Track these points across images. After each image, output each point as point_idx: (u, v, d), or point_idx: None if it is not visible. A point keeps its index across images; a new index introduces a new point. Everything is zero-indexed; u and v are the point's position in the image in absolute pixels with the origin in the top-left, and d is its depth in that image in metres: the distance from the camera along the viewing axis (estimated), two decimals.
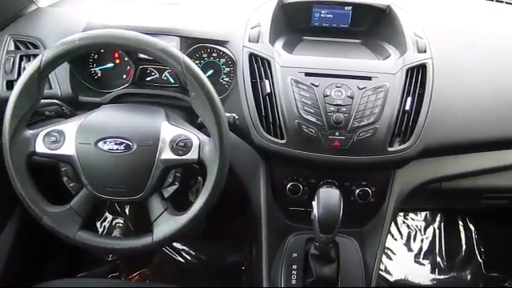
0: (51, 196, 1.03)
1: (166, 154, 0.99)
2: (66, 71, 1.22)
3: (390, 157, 1.11)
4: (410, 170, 1.20)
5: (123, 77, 1.30)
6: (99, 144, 0.98)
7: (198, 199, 0.99)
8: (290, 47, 1.28)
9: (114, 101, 1.23)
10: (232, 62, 1.25)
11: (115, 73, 1.30)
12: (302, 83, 1.12)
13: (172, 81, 1.30)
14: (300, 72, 1.14)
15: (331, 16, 1.40)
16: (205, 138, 1.01)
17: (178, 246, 2.01)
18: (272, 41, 1.23)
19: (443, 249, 2.05)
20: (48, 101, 1.14)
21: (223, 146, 0.97)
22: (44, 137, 1.00)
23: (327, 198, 1.03)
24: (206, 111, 0.97)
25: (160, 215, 1.01)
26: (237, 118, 1.09)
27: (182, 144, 1.00)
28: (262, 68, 1.17)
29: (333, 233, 1.04)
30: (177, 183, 1.04)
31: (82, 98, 1.24)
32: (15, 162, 0.98)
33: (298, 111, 1.10)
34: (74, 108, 1.17)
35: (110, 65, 1.30)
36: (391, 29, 1.30)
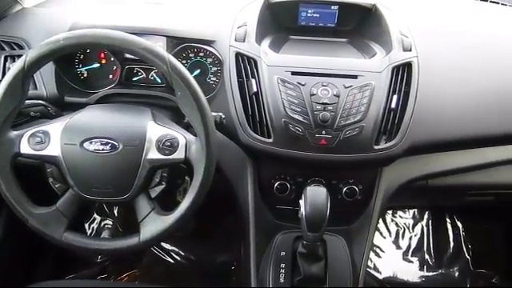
0: (37, 197, 1.02)
1: (153, 154, 0.99)
2: (52, 71, 1.22)
3: (377, 155, 1.12)
4: (397, 167, 1.21)
5: (109, 77, 1.29)
6: (85, 144, 0.98)
7: (184, 199, 0.99)
8: (276, 46, 1.28)
9: (100, 101, 1.23)
10: (219, 61, 1.25)
11: (101, 73, 1.29)
12: (288, 82, 1.13)
13: (159, 81, 1.29)
14: (286, 71, 1.15)
15: (318, 15, 1.40)
16: (191, 138, 1.01)
17: (168, 246, 2.01)
18: (258, 40, 1.23)
19: (431, 246, 2.06)
20: (33, 101, 1.13)
21: (210, 146, 0.97)
22: (29, 138, 0.99)
23: (314, 196, 1.04)
24: (192, 111, 0.97)
25: (147, 215, 1.01)
26: (223, 117, 1.09)
27: (169, 144, 1.00)
28: (248, 67, 1.17)
29: (320, 231, 1.04)
30: (164, 183, 1.04)
31: (68, 98, 1.23)
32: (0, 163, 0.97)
33: (285, 110, 1.11)
34: (59, 109, 1.17)
35: (96, 65, 1.29)
36: (377, 28, 1.31)
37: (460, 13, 1.54)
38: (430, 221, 2.11)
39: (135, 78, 1.29)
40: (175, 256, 2.00)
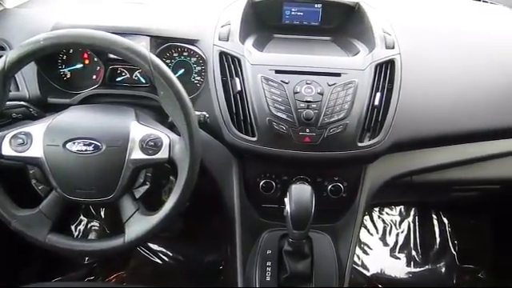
0: (20, 199, 1.02)
1: (136, 154, 0.99)
2: (34, 72, 1.20)
3: (361, 152, 1.12)
4: (381, 164, 1.22)
5: (93, 77, 1.28)
6: (67, 145, 0.97)
7: (169, 199, 0.99)
8: (260, 45, 1.28)
9: (83, 102, 1.21)
10: (203, 60, 1.25)
11: (85, 73, 1.28)
12: (272, 80, 1.13)
13: (143, 81, 1.29)
14: (270, 69, 1.15)
15: (301, 14, 1.41)
16: (175, 137, 1.01)
17: (155, 247, 2.00)
18: (242, 39, 1.23)
19: (418, 242, 2.08)
20: (15, 103, 1.12)
21: (193, 145, 0.97)
22: (10, 139, 0.98)
23: (299, 194, 1.04)
24: (175, 110, 0.97)
25: (131, 216, 1.01)
26: (207, 116, 1.09)
27: (152, 143, 0.99)
28: (232, 66, 1.17)
29: (305, 229, 1.04)
30: (148, 183, 1.04)
31: (51, 99, 1.22)
32: None
33: (269, 108, 1.11)
34: (42, 110, 1.16)
35: (79, 65, 1.28)
36: (360, 26, 1.32)
37: (443, 10, 1.56)
38: (417, 217, 2.13)
39: (119, 79, 1.28)
40: (163, 257, 1.99)
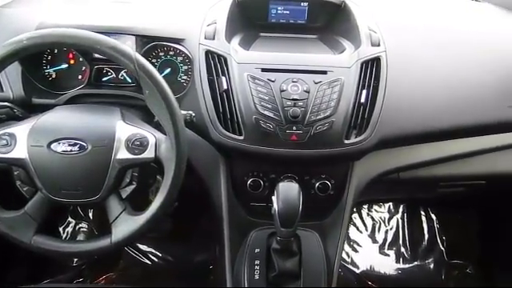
0: (5, 201, 1.00)
1: (122, 154, 0.98)
2: (18, 73, 1.19)
3: (347, 149, 1.13)
4: (368, 161, 1.22)
5: (78, 77, 1.28)
6: (52, 146, 0.96)
7: (155, 198, 0.99)
8: (246, 44, 1.28)
9: (69, 102, 1.20)
10: (189, 59, 1.24)
11: (70, 74, 1.27)
12: (258, 79, 1.13)
13: (129, 80, 1.28)
14: (256, 68, 1.15)
15: (288, 12, 1.41)
16: (161, 137, 1.00)
17: (144, 248, 1.99)
18: (228, 38, 1.23)
19: (407, 239, 2.09)
20: None
21: (179, 144, 0.96)
22: None
23: (286, 192, 1.04)
24: (160, 109, 0.97)
25: (118, 216, 1.01)
26: (193, 115, 1.08)
27: (138, 143, 0.99)
28: (218, 65, 1.17)
29: (293, 226, 1.04)
30: (134, 183, 1.03)
31: (36, 100, 1.21)
32: None
33: (256, 107, 1.11)
34: (26, 110, 1.14)
35: (64, 65, 1.27)
36: (346, 24, 1.33)
37: (428, 8, 1.56)
38: (405, 214, 2.14)
39: (105, 78, 1.27)
40: (152, 257, 1.98)
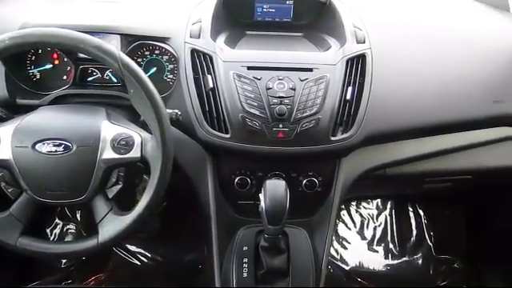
0: None
1: (108, 154, 0.98)
2: (1, 73, 1.18)
3: (334, 146, 1.13)
4: (355, 158, 1.23)
5: (63, 78, 1.27)
6: (37, 146, 0.96)
7: (142, 198, 0.99)
8: (232, 42, 1.28)
9: (54, 103, 1.19)
10: (175, 58, 1.24)
11: (55, 74, 1.26)
12: (244, 77, 1.13)
13: (115, 80, 1.27)
14: (242, 66, 1.15)
15: (273, 10, 1.41)
16: (147, 136, 1.00)
17: (133, 248, 1.98)
18: (214, 36, 1.23)
19: (395, 235, 2.10)
20: None
21: (165, 143, 0.96)
22: None
23: (273, 189, 1.05)
24: (145, 108, 0.96)
25: (105, 216, 1.00)
26: (179, 114, 1.08)
27: (124, 142, 0.98)
28: (204, 63, 1.17)
29: (281, 224, 1.05)
30: (121, 183, 1.03)
31: (20, 100, 1.20)
32: None
33: (242, 105, 1.11)
34: (10, 111, 1.13)
35: (48, 66, 1.26)
36: (331, 21, 1.33)
37: (413, 5, 1.57)
38: (393, 210, 2.15)
39: (90, 78, 1.26)
40: (141, 258, 1.97)
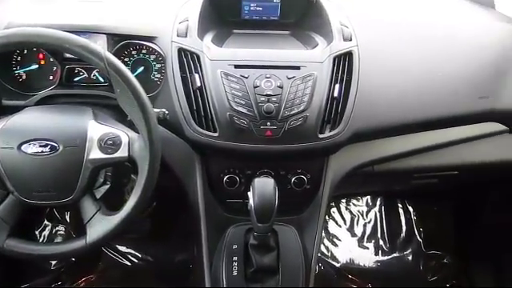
0: None
1: (95, 154, 0.97)
2: None
3: (322, 143, 1.14)
4: (343, 155, 1.23)
5: (49, 78, 1.26)
6: (23, 147, 0.95)
7: (130, 198, 0.99)
8: (219, 41, 1.28)
9: (40, 103, 1.18)
10: (162, 57, 1.24)
11: (41, 74, 1.25)
12: (231, 75, 1.13)
13: (101, 80, 1.26)
14: (229, 64, 1.15)
15: (261, 8, 1.42)
16: (134, 135, 1.00)
17: (123, 249, 1.97)
18: (201, 35, 1.23)
19: (385, 231, 2.11)
20: None
21: (153, 142, 0.96)
22: None
23: (262, 187, 1.05)
24: (132, 107, 0.96)
25: (93, 216, 1.00)
26: (167, 113, 1.08)
27: (111, 142, 0.98)
28: (191, 62, 1.17)
29: (270, 221, 1.05)
30: (108, 183, 1.03)
31: (6, 101, 1.19)
32: None
33: (229, 103, 1.11)
34: None
35: (34, 66, 1.25)
36: (318, 19, 1.33)
37: (400, 3, 1.58)
38: (383, 207, 2.16)
39: (77, 78, 1.26)
40: (132, 258, 1.96)
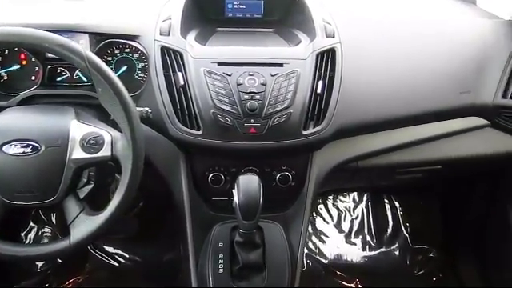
0: None
1: (77, 154, 0.97)
2: None
3: (306, 139, 1.14)
4: (327, 151, 1.24)
5: (31, 78, 1.25)
6: (4, 148, 0.94)
7: (114, 197, 0.98)
8: (203, 39, 1.28)
9: (22, 103, 1.17)
10: (145, 56, 1.23)
11: (22, 74, 1.24)
12: (214, 73, 1.13)
13: (84, 79, 1.26)
14: (212, 62, 1.15)
15: (244, 6, 1.42)
16: (117, 134, 0.99)
17: (111, 249, 1.96)
18: (184, 33, 1.23)
19: (372, 227, 2.13)
20: None
21: (135, 141, 0.96)
22: None
23: (246, 184, 1.05)
24: (114, 106, 0.96)
25: (76, 217, 0.99)
26: (150, 111, 1.08)
27: (94, 142, 0.98)
28: (174, 60, 1.16)
29: (255, 219, 1.05)
30: (92, 182, 1.02)
31: None
32: None
33: (213, 101, 1.11)
34: None
35: (16, 66, 1.24)
36: (301, 16, 1.34)
37: (382, 1, 1.59)
38: (370, 203, 2.18)
39: (59, 78, 1.25)
40: (119, 259, 1.96)
